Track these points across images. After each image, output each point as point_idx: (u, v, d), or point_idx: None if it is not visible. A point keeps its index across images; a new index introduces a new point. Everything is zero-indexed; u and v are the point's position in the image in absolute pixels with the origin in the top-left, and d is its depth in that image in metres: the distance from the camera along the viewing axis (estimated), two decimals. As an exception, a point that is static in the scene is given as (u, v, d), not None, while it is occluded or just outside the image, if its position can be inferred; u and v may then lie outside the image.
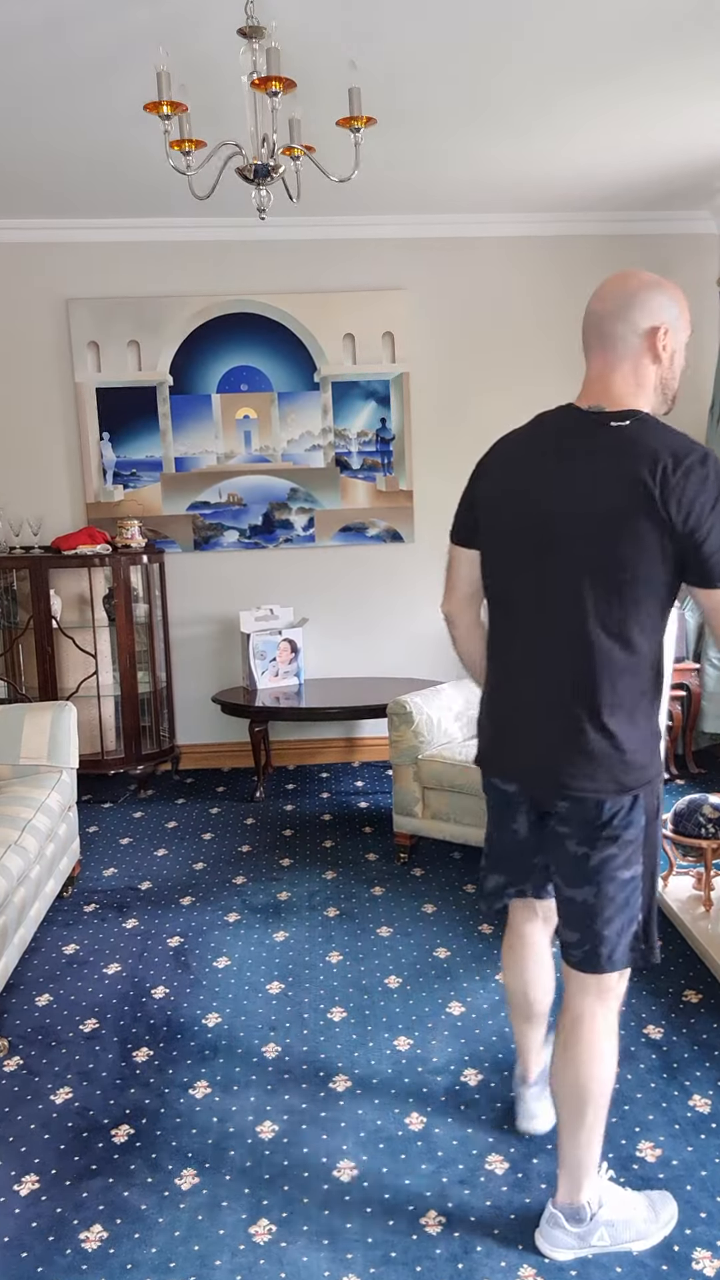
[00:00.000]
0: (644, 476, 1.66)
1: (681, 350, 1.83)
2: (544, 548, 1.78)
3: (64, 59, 3.08)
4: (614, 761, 1.76)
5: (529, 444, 1.89)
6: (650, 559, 1.68)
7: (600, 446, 1.74)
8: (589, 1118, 1.86)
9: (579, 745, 1.76)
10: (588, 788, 1.77)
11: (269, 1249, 1.92)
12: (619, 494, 1.68)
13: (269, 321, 4.91)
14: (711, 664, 4.81)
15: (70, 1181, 2.13)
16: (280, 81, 2.48)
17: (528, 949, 2.14)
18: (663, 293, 1.78)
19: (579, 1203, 1.88)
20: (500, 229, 4.92)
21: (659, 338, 1.77)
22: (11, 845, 2.84)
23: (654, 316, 1.77)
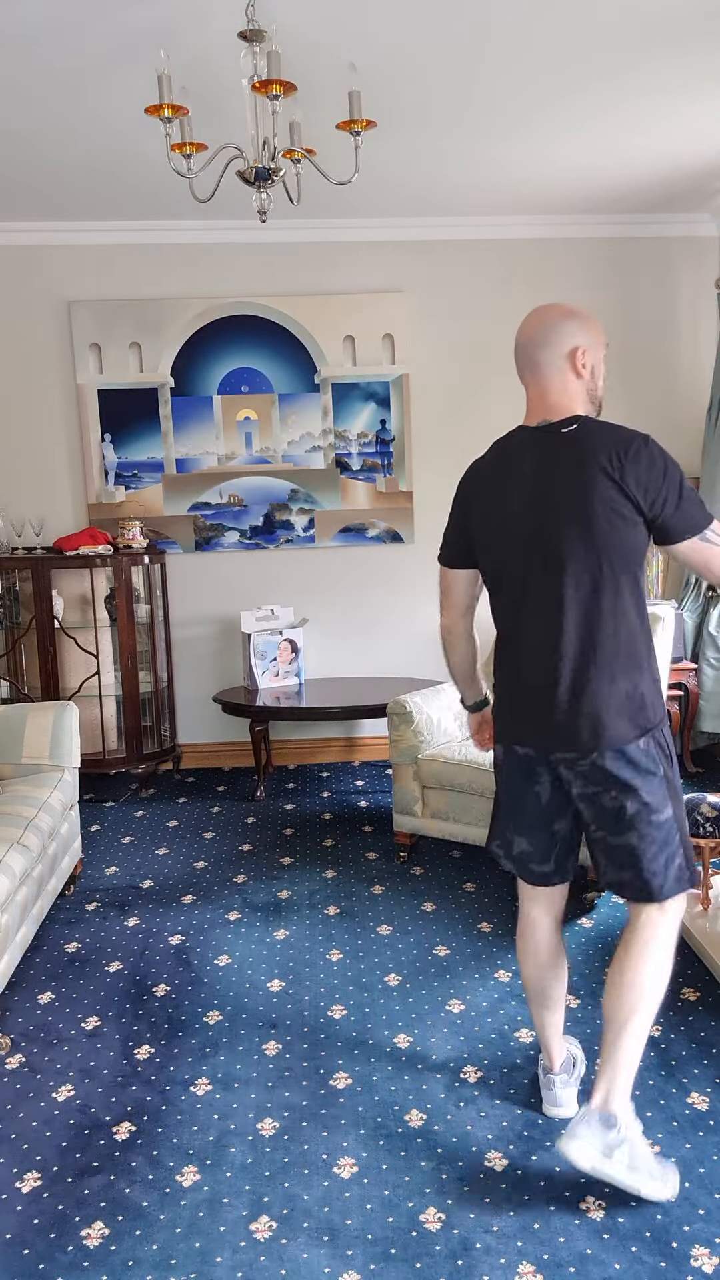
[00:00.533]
0: (603, 464, 1.97)
1: (600, 363, 2.13)
2: (542, 545, 2.04)
3: (65, 62, 3.10)
4: (629, 709, 2.01)
5: (501, 465, 2.15)
6: (625, 530, 1.98)
7: (560, 451, 2.03)
8: (636, 1024, 2.02)
9: (600, 704, 2.00)
10: (611, 740, 2.00)
11: (269, 1246, 1.93)
12: (589, 484, 1.97)
13: (269, 324, 4.92)
14: (709, 664, 4.82)
15: (72, 1178, 2.14)
16: (281, 85, 2.49)
17: (540, 936, 2.26)
18: (575, 319, 2.08)
19: (611, 1110, 1.99)
20: (500, 231, 4.93)
21: (578, 357, 2.08)
22: (14, 844, 2.86)
23: (571, 340, 2.07)
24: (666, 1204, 2.00)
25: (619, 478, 1.95)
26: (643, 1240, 1.91)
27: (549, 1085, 2.31)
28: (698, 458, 5.07)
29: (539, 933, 2.26)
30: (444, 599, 2.35)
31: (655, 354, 5.06)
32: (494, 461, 2.18)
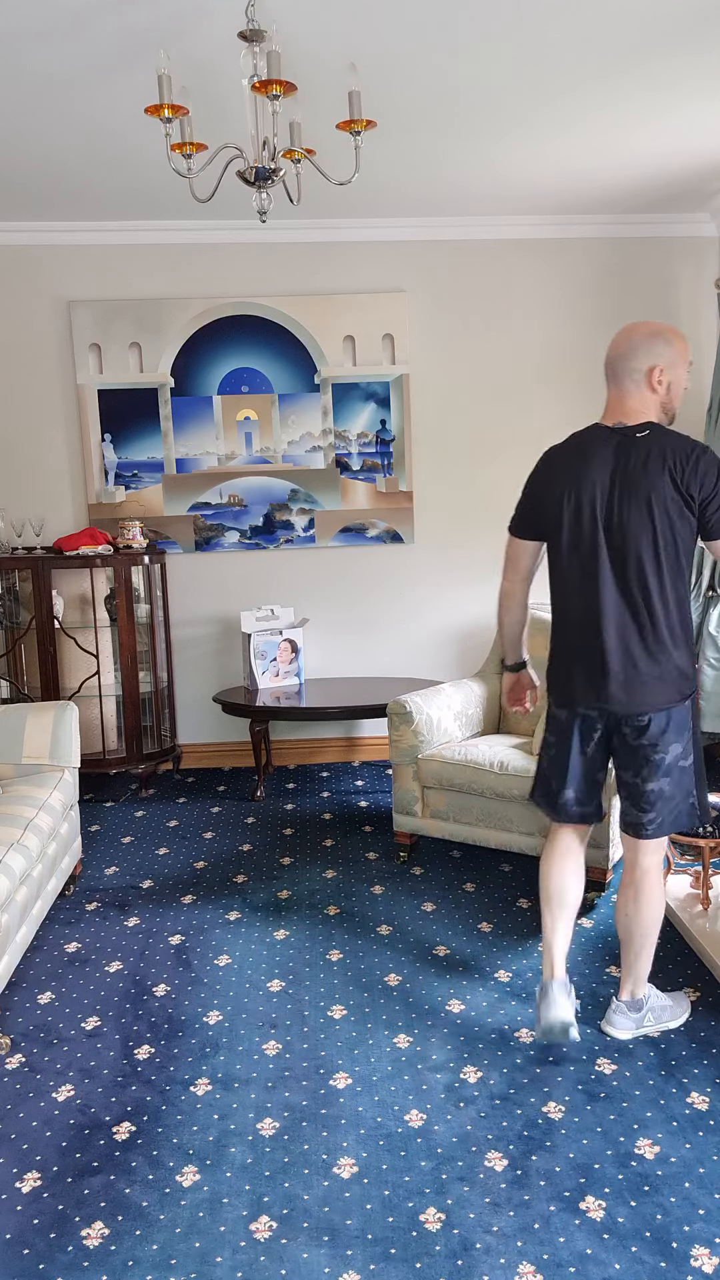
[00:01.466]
0: (669, 465, 2.32)
1: (679, 380, 2.43)
2: (610, 532, 2.40)
3: (66, 61, 3.10)
4: (677, 678, 2.41)
5: (577, 455, 2.46)
6: (681, 525, 2.34)
7: (634, 450, 2.38)
8: (651, 940, 2.55)
9: (655, 672, 2.40)
10: (661, 703, 2.40)
11: (269, 1246, 1.93)
12: (655, 482, 2.33)
13: (270, 324, 4.92)
14: (709, 664, 4.82)
15: (72, 1178, 2.14)
16: (281, 85, 2.49)
17: (569, 854, 2.65)
18: (659, 340, 2.38)
19: (638, 996, 2.58)
20: (500, 231, 4.94)
21: (654, 375, 2.39)
22: (14, 844, 2.86)
23: (650, 359, 2.39)
24: (667, 1204, 2.00)
25: (679, 479, 2.31)
26: (643, 1240, 1.91)
27: (546, 992, 2.50)
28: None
29: (568, 852, 2.64)
30: (509, 565, 2.68)
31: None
32: (571, 450, 2.48)
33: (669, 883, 3.35)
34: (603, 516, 2.39)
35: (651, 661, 2.39)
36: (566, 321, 5.06)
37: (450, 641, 5.25)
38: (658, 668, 2.39)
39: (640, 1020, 2.58)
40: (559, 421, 5.10)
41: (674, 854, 3.28)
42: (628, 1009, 2.57)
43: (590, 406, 5.08)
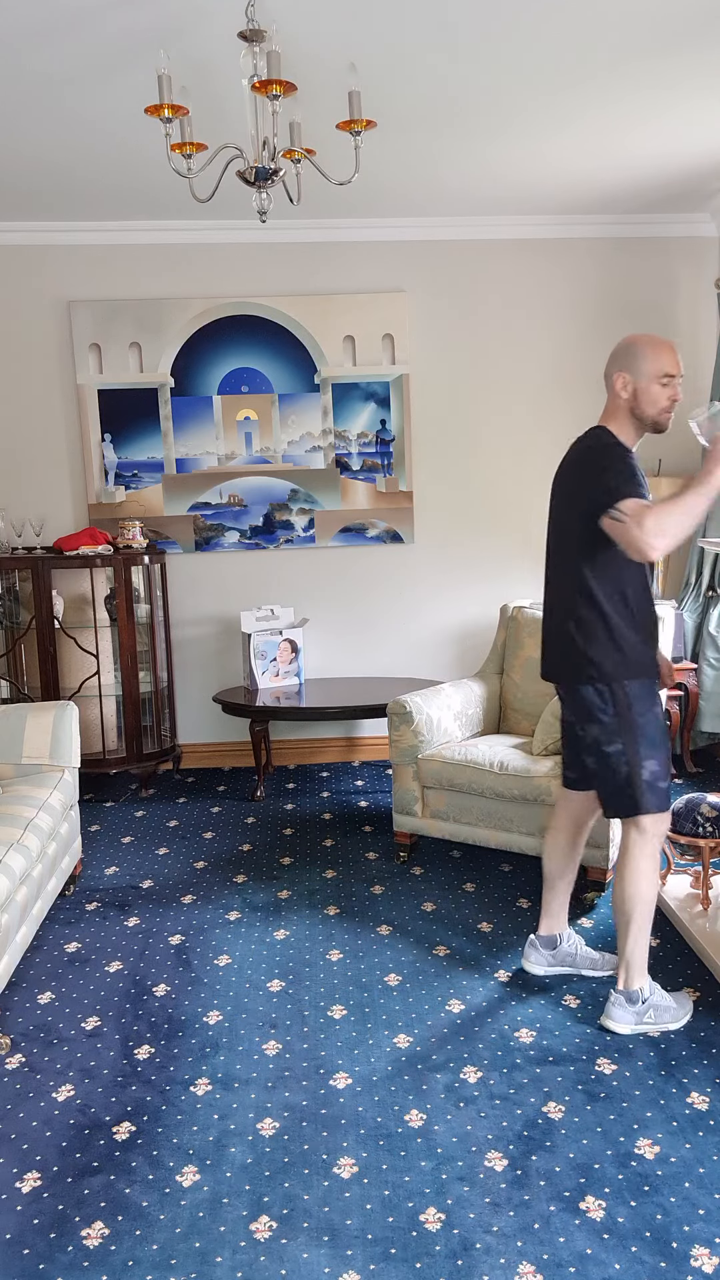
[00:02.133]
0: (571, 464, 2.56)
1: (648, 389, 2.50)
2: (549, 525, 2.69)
3: (66, 61, 3.10)
4: (583, 663, 2.56)
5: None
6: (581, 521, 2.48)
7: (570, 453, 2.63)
8: (635, 923, 2.59)
9: (562, 650, 2.62)
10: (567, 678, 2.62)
11: (269, 1246, 1.93)
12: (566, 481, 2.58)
13: (270, 324, 4.92)
14: (709, 664, 4.82)
15: (72, 1178, 2.14)
16: (281, 85, 2.49)
17: (556, 826, 2.91)
18: (632, 348, 2.52)
19: (633, 988, 2.61)
20: (500, 231, 4.94)
21: (619, 382, 2.53)
22: (14, 844, 2.86)
23: (617, 366, 2.54)
24: (667, 1204, 2.00)
25: (576, 475, 2.52)
26: (643, 1240, 1.91)
27: (529, 944, 2.92)
28: (698, 458, 5.07)
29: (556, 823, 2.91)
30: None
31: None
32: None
33: (668, 882, 3.35)
34: (551, 516, 2.68)
35: (564, 641, 2.60)
36: (567, 321, 5.06)
37: (450, 641, 5.25)
38: (565, 647, 2.60)
39: (640, 1015, 2.60)
40: (559, 421, 5.10)
41: (674, 854, 3.28)
42: (625, 1001, 2.61)
43: (590, 406, 5.08)
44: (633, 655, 2.55)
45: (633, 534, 2.31)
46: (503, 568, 5.18)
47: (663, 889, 3.32)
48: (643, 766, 2.56)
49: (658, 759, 2.58)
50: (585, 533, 2.48)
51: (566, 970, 2.91)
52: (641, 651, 2.56)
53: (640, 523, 2.30)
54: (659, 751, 2.58)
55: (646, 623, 2.58)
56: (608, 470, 2.41)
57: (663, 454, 5.08)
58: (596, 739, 2.60)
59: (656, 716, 2.59)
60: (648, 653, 2.57)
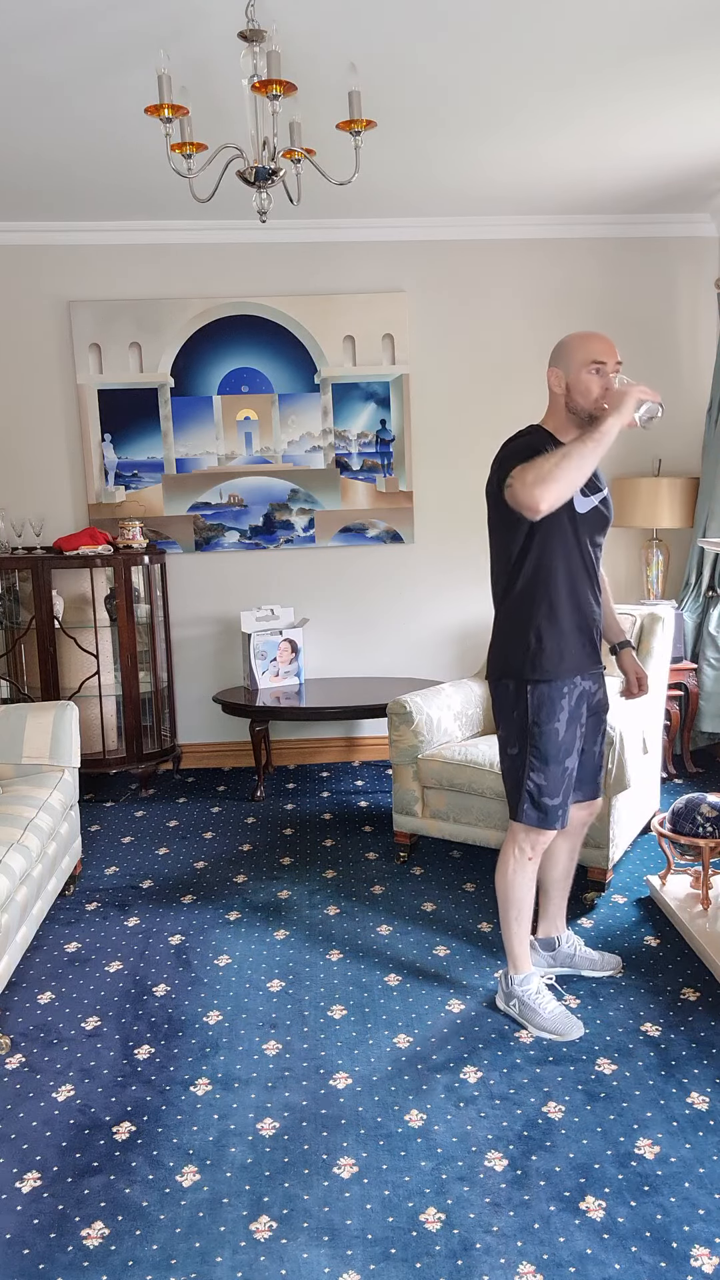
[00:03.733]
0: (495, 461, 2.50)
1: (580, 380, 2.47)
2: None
3: (66, 61, 3.10)
4: (500, 657, 2.59)
5: None
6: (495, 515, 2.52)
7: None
8: (502, 919, 2.72)
9: (492, 643, 2.63)
10: (491, 671, 2.63)
11: (269, 1246, 1.94)
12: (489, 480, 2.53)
13: (269, 324, 4.92)
14: (709, 664, 4.82)
15: (72, 1178, 2.14)
16: (281, 85, 2.49)
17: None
18: (559, 344, 2.54)
19: (507, 978, 2.73)
20: (500, 231, 4.93)
21: (551, 378, 2.54)
22: (14, 844, 2.86)
23: (550, 364, 2.55)
24: (667, 1204, 2.00)
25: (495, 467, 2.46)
26: (643, 1240, 1.91)
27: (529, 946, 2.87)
28: (698, 458, 5.07)
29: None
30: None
31: (655, 354, 5.06)
32: None
33: (669, 882, 3.35)
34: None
35: (493, 637, 2.63)
36: (568, 321, 5.06)
37: (450, 641, 5.25)
38: (493, 642, 2.63)
39: (507, 999, 2.72)
40: (559, 421, 5.09)
41: (674, 854, 3.28)
42: (501, 984, 2.76)
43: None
44: (546, 655, 2.52)
45: (518, 492, 2.28)
46: (503, 568, 5.18)
47: (663, 889, 3.32)
48: (529, 778, 2.57)
49: (546, 774, 2.56)
50: (498, 524, 2.51)
51: (567, 971, 2.91)
52: (548, 652, 2.52)
53: (523, 477, 2.28)
54: (551, 767, 2.56)
55: (572, 625, 2.54)
56: (509, 458, 2.41)
57: (663, 455, 5.08)
58: (504, 740, 2.63)
59: (555, 731, 2.54)
60: (568, 653, 2.54)
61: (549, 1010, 2.65)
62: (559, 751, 2.56)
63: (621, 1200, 2.02)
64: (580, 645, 2.57)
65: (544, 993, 2.69)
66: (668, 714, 4.69)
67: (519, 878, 2.66)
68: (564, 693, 2.54)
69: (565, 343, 2.52)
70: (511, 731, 2.60)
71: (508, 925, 2.71)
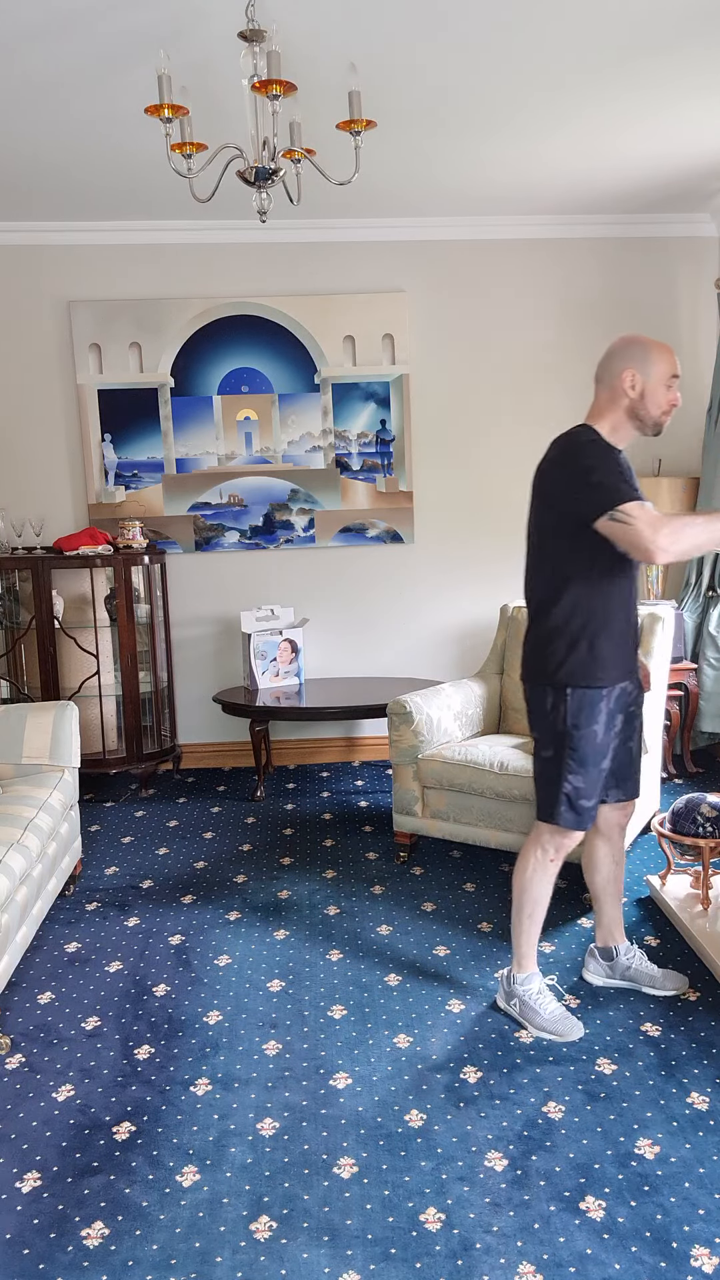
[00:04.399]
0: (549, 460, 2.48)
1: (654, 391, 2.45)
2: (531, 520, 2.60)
3: (66, 61, 3.10)
4: (537, 660, 2.55)
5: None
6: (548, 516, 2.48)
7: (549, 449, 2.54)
8: (514, 916, 2.70)
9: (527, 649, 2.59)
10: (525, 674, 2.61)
11: (269, 1246, 1.93)
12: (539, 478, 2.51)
13: (269, 324, 4.92)
14: (709, 664, 4.82)
15: (72, 1178, 2.14)
16: (281, 85, 2.49)
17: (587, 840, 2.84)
18: (638, 346, 2.47)
19: (510, 977, 2.71)
20: (500, 231, 4.94)
21: (627, 379, 2.46)
22: (14, 844, 2.86)
23: (625, 362, 2.47)
24: (667, 1204, 2.00)
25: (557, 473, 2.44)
26: (643, 1240, 1.91)
27: (588, 953, 2.91)
28: (698, 458, 5.07)
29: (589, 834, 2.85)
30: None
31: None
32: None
33: (669, 882, 3.35)
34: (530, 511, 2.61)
35: (529, 640, 2.59)
36: (567, 321, 5.06)
37: (450, 641, 5.25)
38: (529, 646, 2.58)
39: (508, 999, 2.71)
40: (559, 421, 5.09)
41: (674, 854, 3.28)
42: (504, 983, 2.74)
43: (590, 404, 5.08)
44: (598, 663, 2.49)
45: (644, 536, 2.24)
46: (503, 568, 5.18)
47: (663, 889, 3.32)
48: (566, 780, 2.54)
49: (584, 776, 2.54)
50: (566, 531, 2.43)
51: (626, 985, 2.83)
52: (600, 659, 2.49)
53: (655, 527, 2.24)
54: (589, 769, 2.54)
55: (621, 631, 2.52)
56: (596, 469, 2.34)
57: (663, 455, 5.08)
58: (539, 744, 2.60)
59: (594, 734, 2.53)
60: (616, 660, 2.52)
61: (549, 1011, 2.64)
62: (597, 754, 2.54)
63: (621, 1200, 2.02)
64: (627, 650, 2.56)
65: (545, 993, 2.67)
66: (668, 714, 4.69)
67: (538, 877, 2.64)
68: (604, 695, 2.52)
69: (645, 349, 2.45)
70: (546, 734, 2.56)
71: (519, 923, 2.68)
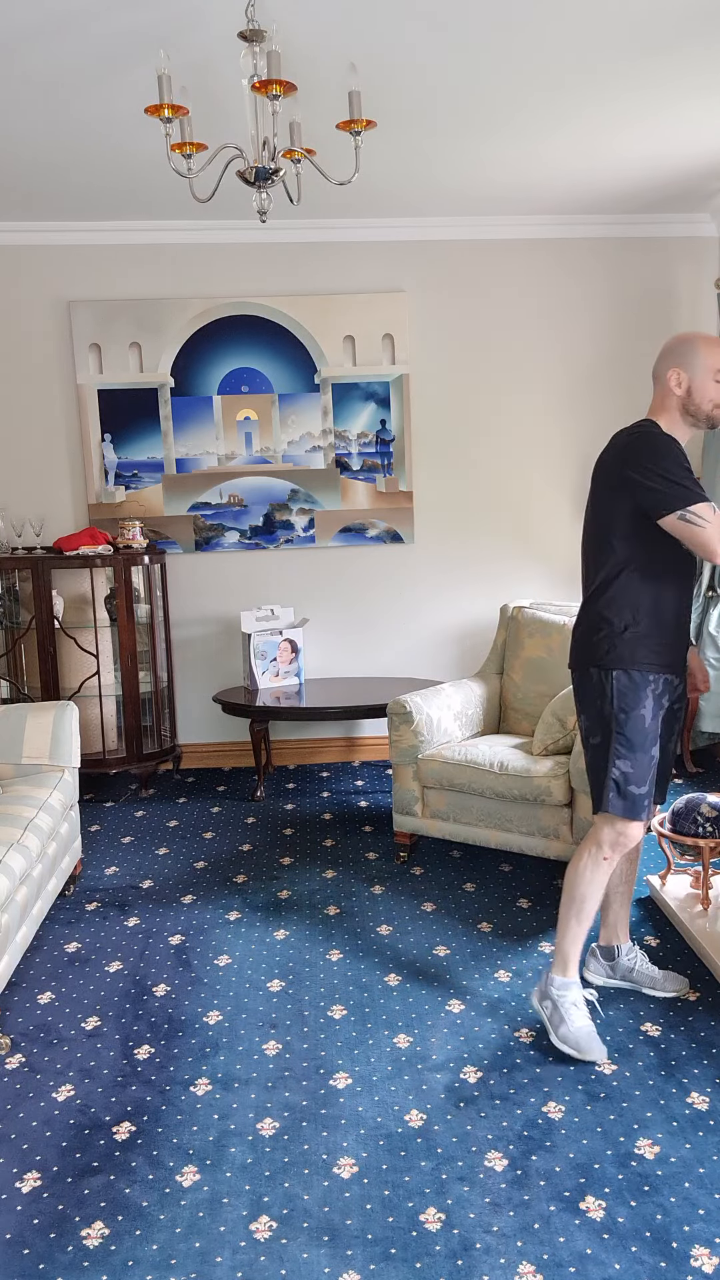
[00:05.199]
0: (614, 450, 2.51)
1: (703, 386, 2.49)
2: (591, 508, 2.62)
3: (66, 61, 3.10)
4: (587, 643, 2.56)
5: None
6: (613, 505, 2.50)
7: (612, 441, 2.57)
8: (561, 915, 2.62)
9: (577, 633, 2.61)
10: (573, 660, 2.62)
11: (269, 1246, 1.93)
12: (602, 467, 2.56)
13: (269, 324, 4.92)
14: (710, 664, 4.82)
15: (72, 1178, 2.14)
16: (281, 85, 2.49)
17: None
18: (686, 344, 2.52)
19: (549, 978, 2.62)
20: (500, 231, 4.93)
21: (673, 378, 2.52)
22: (14, 844, 2.86)
23: (673, 361, 2.53)
24: (667, 1204, 2.00)
25: (622, 463, 2.46)
26: (643, 1240, 1.91)
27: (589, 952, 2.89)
28: (698, 458, 5.07)
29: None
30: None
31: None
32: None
33: (669, 882, 3.35)
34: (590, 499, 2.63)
35: (580, 626, 2.61)
36: (567, 321, 5.06)
37: (450, 641, 5.25)
38: (579, 632, 2.61)
39: (541, 999, 2.62)
40: (559, 420, 5.10)
41: (674, 854, 3.27)
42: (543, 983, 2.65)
43: (590, 405, 5.08)
44: (639, 646, 2.50)
45: (715, 540, 2.35)
46: (503, 568, 5.18)
47: (663, 889, 3.32)
48: (614, 765, 2.50)
49: (633, 761, 2.50)
50: (628, 523, 2.46)
51: (626, 985, 2.83)
52: (649, 645, 2.50)
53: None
54: (638, 754, 2.50)
55: (672, 625, 2.54)
56: (666, 466, 2.40)
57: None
58: (586, 730, 2.58)
59: (641, 718, 2.50)
60: (658, 650, 2.51)
61: (578, 1025, 2.54)
62: (645, 739, 2.50)
63: (621, 1200, 2.02)
64: (677, 645, 2.56)
65: (580, 1006, 2.58)
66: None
67: (591, 874, 2.57)
68: (650, 680, 2.50)
69: (693, 345, 2.50)
70: (594, 720, 2.54)
71: (565, 923, 2.61)
